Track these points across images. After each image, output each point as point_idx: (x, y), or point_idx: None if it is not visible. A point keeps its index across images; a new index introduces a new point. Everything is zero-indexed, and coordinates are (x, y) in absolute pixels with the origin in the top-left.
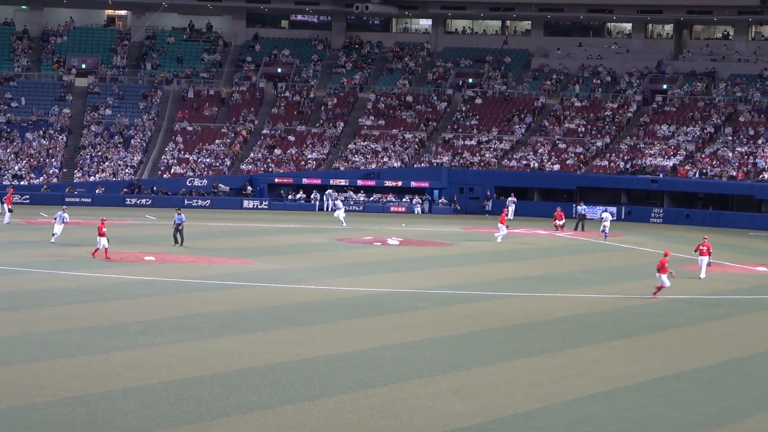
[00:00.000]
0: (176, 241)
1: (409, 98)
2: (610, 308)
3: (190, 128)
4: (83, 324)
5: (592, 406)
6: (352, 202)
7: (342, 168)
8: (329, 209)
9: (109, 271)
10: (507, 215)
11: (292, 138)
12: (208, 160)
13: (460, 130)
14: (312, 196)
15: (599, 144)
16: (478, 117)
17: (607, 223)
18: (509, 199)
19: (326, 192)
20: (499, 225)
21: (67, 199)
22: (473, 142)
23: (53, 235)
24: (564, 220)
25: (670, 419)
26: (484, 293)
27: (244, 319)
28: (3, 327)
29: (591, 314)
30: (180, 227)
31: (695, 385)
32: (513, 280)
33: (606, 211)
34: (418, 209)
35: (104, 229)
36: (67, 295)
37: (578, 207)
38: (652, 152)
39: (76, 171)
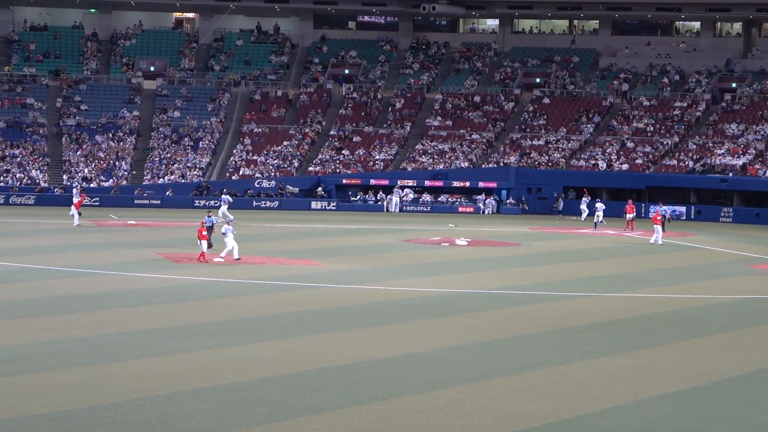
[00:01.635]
0: (209, 245)
1: (477, 98)
2: (681, 308)
3: (258, 130)
4: (152, 325)
5: (665, 406)
6: (411, 200)
7: (409, 168)
8: (393, 209)
9: (179, 273)
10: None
11: (359, 139)
12: (276, 161)
13: (528, 130)
14: (379, 197)
15: (668, 143)
16: (545, 117)
17: (600, 213)
18: (597, 205)
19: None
20: (655, 226)
21: (136, 201)
22: (541, 142)
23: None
24: (634, 213)
25: (742, 419)
26: (552, 293)
27: (313, 320)
28: (77, 328)
29: (662, 314)
30: (211, 229)
31: None
32: (582, 280)
33: (599, 201)
34: (487, 210)
35: (205, 232)
36: (136, 296)
37: (658, 207)
38: (721, 151)
39: (145, 173)
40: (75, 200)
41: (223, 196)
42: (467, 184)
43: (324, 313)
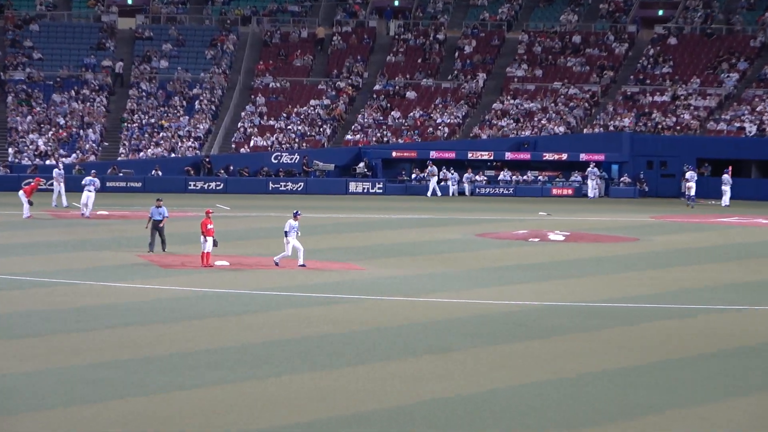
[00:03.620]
0: (153, 245)
1: (576, 39)
2: None
3: (275, 85)
4: (136, 354)
5: None
6: (480, 181)
7: (484, 136)
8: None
9: (170, 282)
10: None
11: (414, 95)
12: (300, 127)
13: (648, 81)
14: (442, 175)
15: None
16: (672, 63)
17: (692, 184)
18: (723, 176)
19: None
20: None
21: (109, 184)
22: (665, 98)
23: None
24: None
25: None
26: (683, 306)
27: (353, 345)
28: (36, 359)
29: None
30: (160, 225)
31: None
32: (724, 287)
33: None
34: (592, 192)
35: (211, 226)
36: (114, 315)
37: None
38: None
39: (121, 146)
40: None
41: (88, 178)
42: (564, 156)
43: (368, 335)
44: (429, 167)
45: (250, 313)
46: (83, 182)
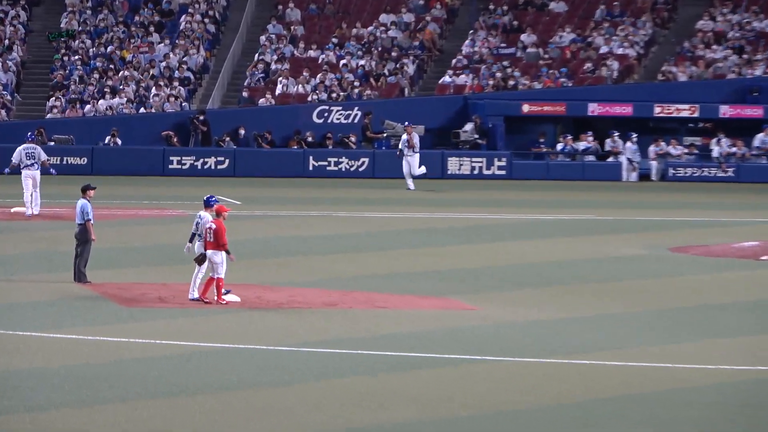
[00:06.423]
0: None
1: None
2: None
3: None
4: None
5: None
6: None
7: (683, 78)
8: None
9: (144, 331)
10: None
11: (562, 7)
12: (361, 63)
13: None
14: (612, 145)
15: None
16: None
17: None
18: None
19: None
20: None
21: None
22: None
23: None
24: None
25: None
26: None
27: None
28: None
29: None
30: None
31: None
32: None
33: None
34: None
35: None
36: (53, 389)
37: None
38: None
39: (50, 94)
40: None
41: (24, 147)
42: None
43: (497, 422)
44: (612, 139)
45: (286, 386)
46: (16, 158)
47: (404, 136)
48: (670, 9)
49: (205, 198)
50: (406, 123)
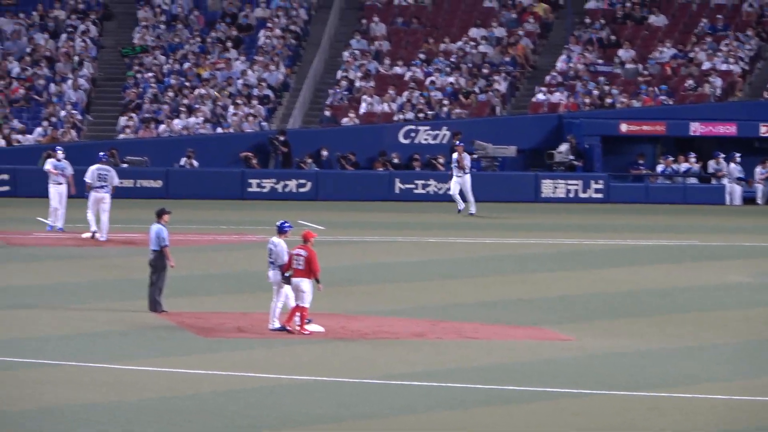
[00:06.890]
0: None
1: None
2: None
3: (404, 1)
4: None
5: None
6: None
7: None
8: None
9: (223, 363)
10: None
11: (662, 21)
12: (450, 80)
13: None
14: (715, 167)
15: None
16: None
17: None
18: None
19: None
20: None
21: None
22: None
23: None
24: None
25: None
26: None
27: None
28: None
29: None
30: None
31: None
32: None
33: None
34: None
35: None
36: (129, 421)
37: None
38: None
39: (122, 113)
40: None
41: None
42: None
43: None
44: (717, 162)
45: (371, 419)
46: (89, 177)
47: (454, 156)
48: None
49: (278, 224)
50: (457, 142)
